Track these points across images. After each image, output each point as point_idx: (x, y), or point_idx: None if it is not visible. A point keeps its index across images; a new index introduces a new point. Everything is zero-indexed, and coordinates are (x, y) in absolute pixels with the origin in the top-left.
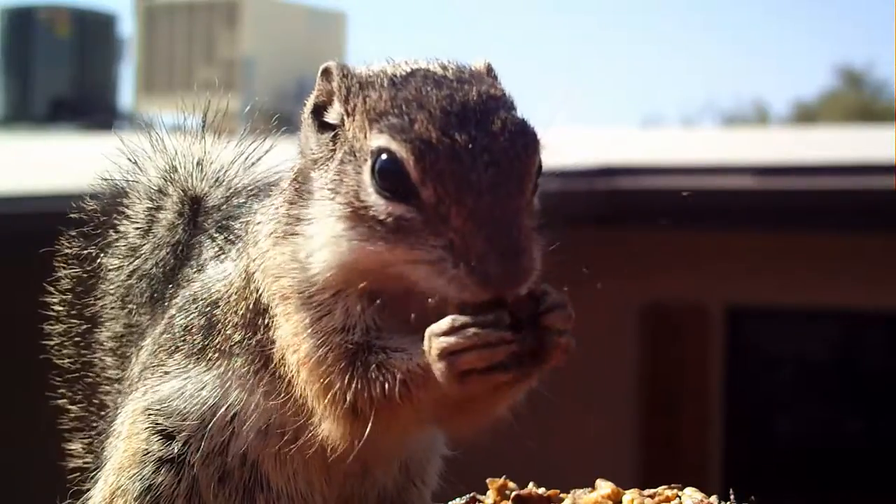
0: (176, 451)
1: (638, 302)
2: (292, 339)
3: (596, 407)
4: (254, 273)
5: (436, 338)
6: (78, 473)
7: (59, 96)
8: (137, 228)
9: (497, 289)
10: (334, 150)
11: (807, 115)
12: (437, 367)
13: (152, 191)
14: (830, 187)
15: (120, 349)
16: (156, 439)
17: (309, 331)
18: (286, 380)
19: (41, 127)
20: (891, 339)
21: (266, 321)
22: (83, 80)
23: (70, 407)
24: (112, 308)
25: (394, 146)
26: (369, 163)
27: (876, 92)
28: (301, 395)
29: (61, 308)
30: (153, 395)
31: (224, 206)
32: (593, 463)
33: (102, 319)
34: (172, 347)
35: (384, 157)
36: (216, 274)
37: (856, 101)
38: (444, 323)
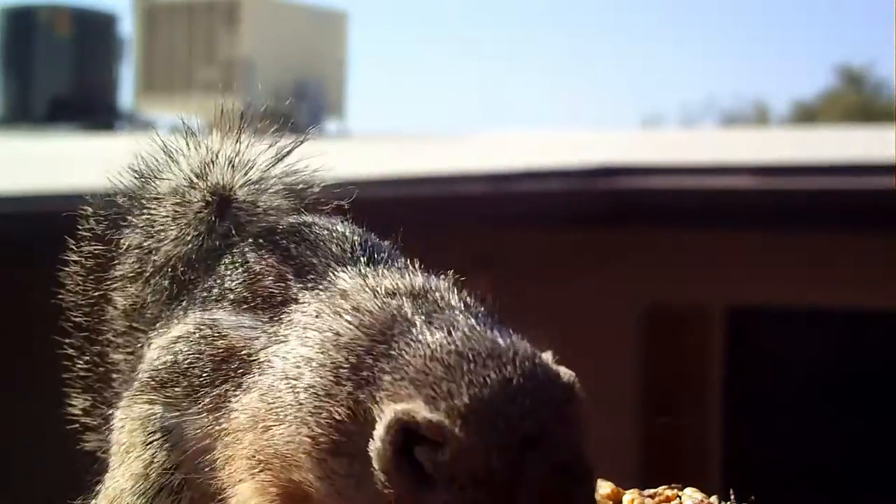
0: (176, 483)
1: (638, 302)
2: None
3: (596, 407)
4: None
5: None
6: (78, 427)
7: (59, 96)
8: (164, 217)
9: None
10: None
11: (807, 115)
12: None
13: (183, 184)
14: (830, 187)
15: (131, 322)
16: (156, 466)
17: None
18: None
19: (41, 127)
20: (891, 339)
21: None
22: (83, 80)
23: (77, 362)
24: (129, 282)
25: None
26: None
27: (876, 92)
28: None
29: (79, 270)
30: (153, 424)
31: (252, 207)
32: (593, 463)
33: (117, 289)
34: (166, 379)
35: None
36: (228, 325)
37: (856, 101)
38: None
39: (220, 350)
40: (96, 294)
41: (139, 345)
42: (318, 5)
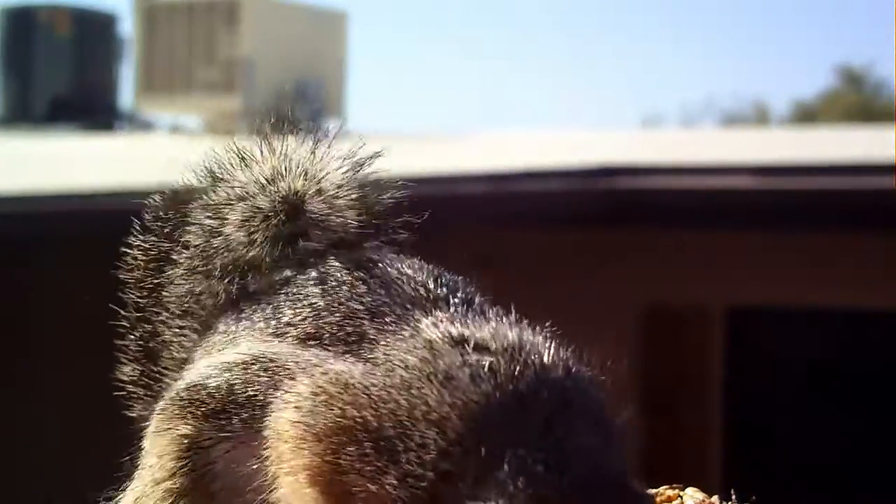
0: None
1: (638, 302)
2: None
3: None
4: None
5: None
6: (123, 392)
7: (59, 96)
8: (234, 220)
9: None
10: None
11: (807, 114)
12: None
13: (253, 189)
14: (830, 187)
15: (184, 316)
16: (192, 493)
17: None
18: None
19: (41, 127)
20: (891, 339)
21: None
22: (83, 80)
23: (130, 335)
24: (189, 278)
25: None
26: None
27: (876, 92)
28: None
29: (139, 259)
30: (196, 453)
31: (323, 217)
32: None
33: (176, 283)
34: (219, 410)
35: None
36: (291, 357)
37: (856, 100)
38: None
39: (285, 377)
40: (154, 282)
41: (190, 340)
42: (318, 5)
